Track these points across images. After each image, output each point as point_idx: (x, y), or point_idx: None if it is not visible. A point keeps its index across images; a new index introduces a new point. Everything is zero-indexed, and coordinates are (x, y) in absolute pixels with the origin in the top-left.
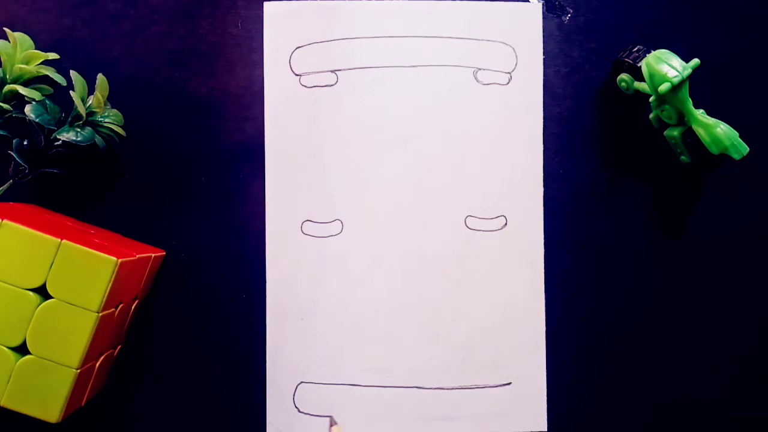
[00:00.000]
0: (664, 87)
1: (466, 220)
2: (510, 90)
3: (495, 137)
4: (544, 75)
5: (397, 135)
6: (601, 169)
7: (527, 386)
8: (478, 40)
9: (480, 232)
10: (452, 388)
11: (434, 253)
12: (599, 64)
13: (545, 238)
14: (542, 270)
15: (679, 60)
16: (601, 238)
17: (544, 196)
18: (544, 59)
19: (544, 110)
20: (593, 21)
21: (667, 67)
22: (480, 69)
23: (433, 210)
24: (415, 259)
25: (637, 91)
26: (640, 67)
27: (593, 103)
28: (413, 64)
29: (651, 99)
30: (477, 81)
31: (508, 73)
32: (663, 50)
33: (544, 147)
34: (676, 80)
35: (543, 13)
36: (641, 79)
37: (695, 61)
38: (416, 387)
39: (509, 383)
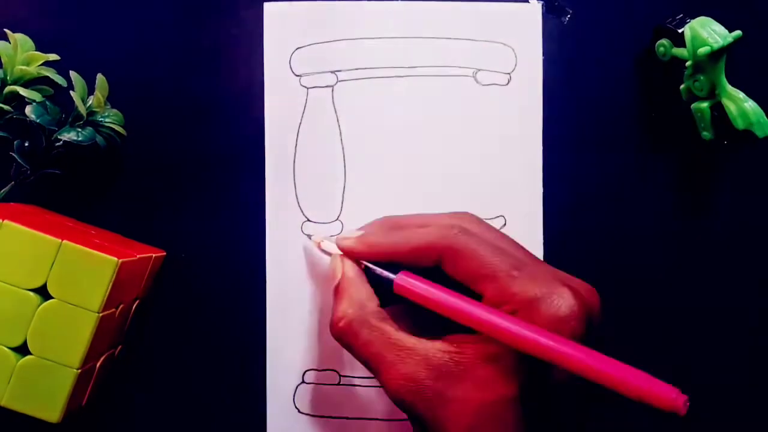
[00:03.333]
0: (703, 50)
1: None
2: (509, 91)
3: (494, 138)
4: (543, 76)
5: (396, 135)
6: (601, 170)
7: None
8: (478, 41)
9: None
10: None
11: None
12: (599, 64)
13: (544, 239)
14: None
15: (724, 29)
16: (601, 238)
17: (543, 197)
18: (543, 60)
19: (543, 111)
20: (593, 22)
21: (710, 32)
22: (479, 70)
23: (433, 210)
24: None
25: (674, 58)
26: (682, 33)
27: (593, 104)
28: (413, 65)
29: (687, 64)
30: (476, 82)
31: (508, 73)
32: (708, 18)
33: (543, 147)
34: (716, 46)
35: (542, 14)
36: (681, 46)
37: (738, 32)
38: None
39: None
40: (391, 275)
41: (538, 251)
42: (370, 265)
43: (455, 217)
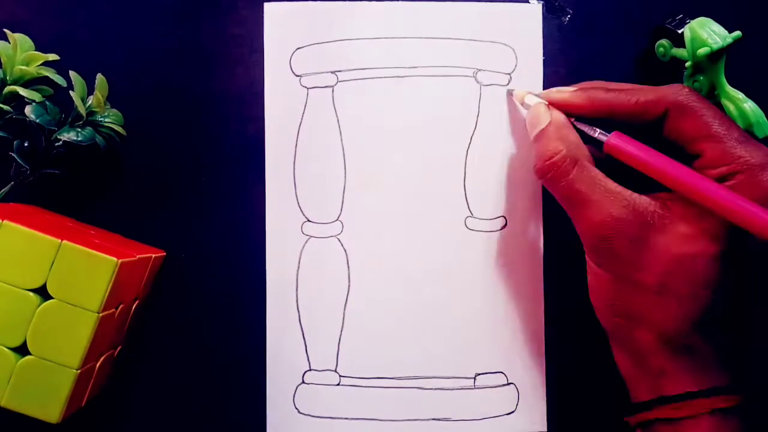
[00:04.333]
0: (703, 51)
1: (466, 220)
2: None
3: (494, 138)
4: (543, 76)
5: (396, 135)
6: (602, 170)
7: (527, 386)
8: (478, 41)
9: (480, 233)
10: (452, 389)
11: (434, 254)
12: (598, 65)
13: (545, 239)
14: (542, 271)
15: (723, 29)
16: None
17: (543, 197)
18: (543, 60)
19: None
20: (593, 22)
21: (710, 33)
22: (480, 70)
23: (433, 210)
24: (415, 259)
25: (673, 58)
26: (681, 33)
27: None
28: (413, 65)
29: (687, 64)
30: (477, 82)
31: (508, 74)
32: (707, 18)
33: None
34: (715, 46)
35: (543, 14)
36: (681, 46)
37: (737, 33)
38: (417, 388)
39: (509, 384)
40: (604, 133)
41: (538, 251)
42: (580, 124)
43: (675, 85)
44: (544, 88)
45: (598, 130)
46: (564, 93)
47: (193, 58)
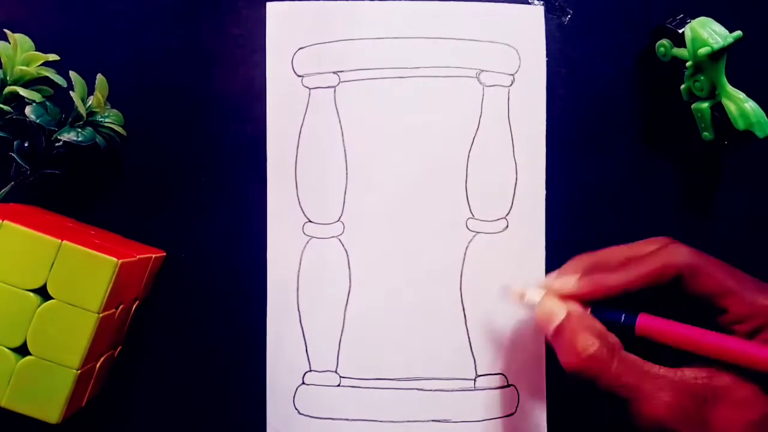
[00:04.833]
0: (703, 51)
1: (467, 222)
2: (512, 91)
3: (497, 139)
4: (545, 76)
5: (398, 136)
6: (604, 171)
7: (527, 388)
8: (481, 41)
9: (481, 235)
10: (453, 391)
11: (435, 255)
12: (600, 65)
13: (547, 241)
14: (543, 273)
15: (724, 29)
16: (603, 240)
17: (545, 199)
18: (546, 60)
19: (546, 111)
20: (593, 22)
21: (710, 32)
22: (483, 71)
23: (434, 212)
24: (416, 260)
25: (674, 58)
26: (682, 33)
27: (594, 105)
28: (415, 66)
29: (688, 64)
30: (480, 82)
31: (511, 74)
32: (708, 18)
33: (546, 148)
34: (716, 46)
35: (543, 14)
36: (681, 46)
37: (738, 33)
38: (417, 389)
39: (509, 385)
40: (630, 317)
41: (540, 253)
42: (603, 312)
43: (662, 239)
44: (547, 89)
45: (623, 314)
46: (569, 285)
47: (194, 58)
